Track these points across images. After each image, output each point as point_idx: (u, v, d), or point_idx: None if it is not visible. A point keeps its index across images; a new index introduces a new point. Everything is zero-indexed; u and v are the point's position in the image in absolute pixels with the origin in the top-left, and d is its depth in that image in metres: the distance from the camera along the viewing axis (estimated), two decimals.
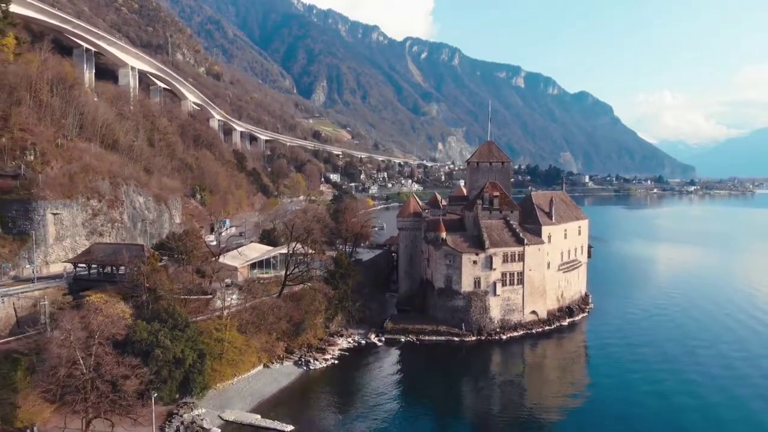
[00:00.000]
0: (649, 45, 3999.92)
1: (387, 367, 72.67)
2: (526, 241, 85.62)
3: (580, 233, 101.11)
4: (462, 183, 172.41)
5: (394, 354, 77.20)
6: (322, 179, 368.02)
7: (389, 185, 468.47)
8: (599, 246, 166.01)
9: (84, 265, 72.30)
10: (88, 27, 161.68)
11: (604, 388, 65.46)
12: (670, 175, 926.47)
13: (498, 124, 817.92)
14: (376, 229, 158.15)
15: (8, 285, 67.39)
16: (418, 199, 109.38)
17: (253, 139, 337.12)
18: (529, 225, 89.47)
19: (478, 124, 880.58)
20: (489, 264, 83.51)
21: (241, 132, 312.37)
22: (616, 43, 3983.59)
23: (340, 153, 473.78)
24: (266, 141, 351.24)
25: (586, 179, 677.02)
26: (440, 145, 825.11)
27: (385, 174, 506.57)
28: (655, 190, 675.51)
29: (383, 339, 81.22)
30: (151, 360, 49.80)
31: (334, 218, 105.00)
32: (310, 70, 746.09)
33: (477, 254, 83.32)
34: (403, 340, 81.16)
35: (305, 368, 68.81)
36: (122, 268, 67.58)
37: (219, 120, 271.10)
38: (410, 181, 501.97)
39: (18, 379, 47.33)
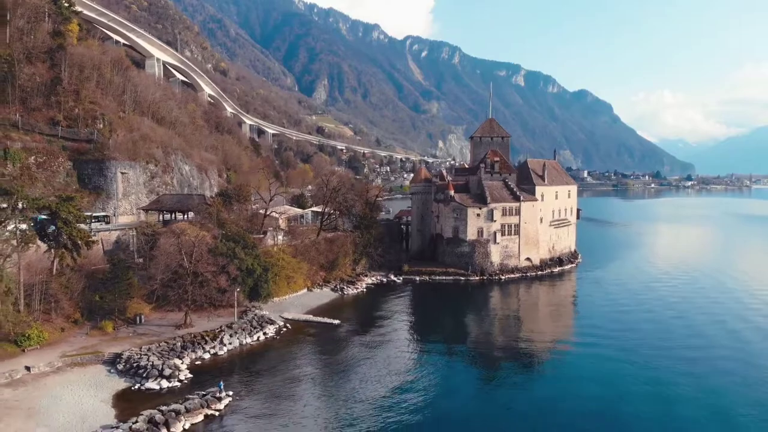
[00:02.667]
0: (649, 44, 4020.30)
1: (405, 298, 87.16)
2: (522, 198, 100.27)
3: (569, 196, 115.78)
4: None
5: (411, 289, 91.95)
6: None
7: (392, 178, 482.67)
8: (594, 225, 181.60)
9: (155, 212, 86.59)
10: (122, 20, 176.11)
11: (588, 322, 74.84)
12: (670, 172, 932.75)
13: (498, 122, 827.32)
14: (383, 213, 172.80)
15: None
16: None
17: (261, 132, 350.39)
18: (524, 186, 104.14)
19: (479, 122, 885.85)
20: (490, 216, 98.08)
21: (250, 125, 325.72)
22: (616, 41, 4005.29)
23: (344, 148, 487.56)
24: (273, 135, 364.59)
25: (585, 174, 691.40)
26: (441, 143, 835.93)
27: (388, 168, 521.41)
28: (652, 185, 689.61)
29: (401, 278, 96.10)
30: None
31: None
32: (312, 68, 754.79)
33: (480, 208, 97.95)
34: (418, 279, 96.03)
35: (340, 293, 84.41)
36: (189, 214, 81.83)
37: (231, 112, 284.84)
38: (412, 175, 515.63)
39: (131, 276, 61.69)
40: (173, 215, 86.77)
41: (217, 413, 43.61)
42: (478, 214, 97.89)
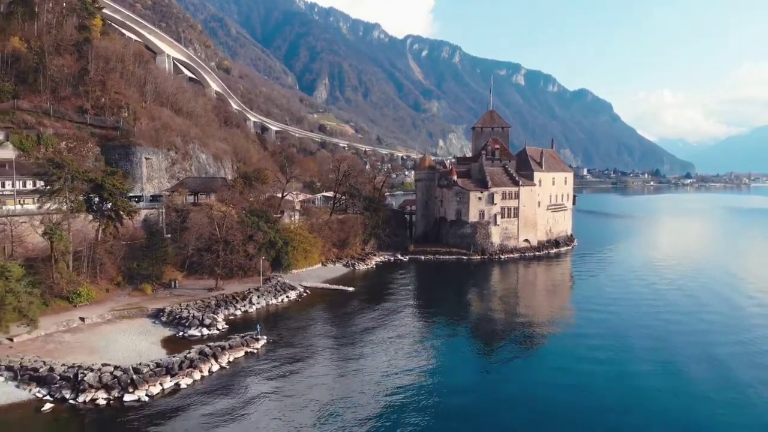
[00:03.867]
0: (649, 43, 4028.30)
1: (411, 275, 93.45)
2: (521, 183, 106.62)
3: (566, 183, 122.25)
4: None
5: (417, 267, 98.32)
6: None
7: (393, 175, 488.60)
8: (592, 217, 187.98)
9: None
10: (136, 17, 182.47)
11: (579, 298, 79.21)
12: (670, 171, 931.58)
13: None
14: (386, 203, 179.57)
15: None
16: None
17: (264, 129, 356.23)
18: (523, 172, 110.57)
19: None
20: (491, 200, 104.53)
21: (254, 122, 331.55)
22: (616, 41, 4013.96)
23: (346, 145, 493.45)
24: (276, 132, 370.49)
25: (585, 172, 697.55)
26: (441, 142, 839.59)
27: (389, 165, 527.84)
28: (651, 183, 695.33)
29: (407, 257, 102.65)
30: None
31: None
32: (312, 67, 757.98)
33: (482, 192, 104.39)
34: (423, 258, 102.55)
35: (351, 268, 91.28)
36: (212, 196, 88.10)
37: (236, 109, 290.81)
38: (413, 172, 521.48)
39: (167, 245, 68.07)
40: (196, 197, 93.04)
41: (255, 351, 50.37)
42: (480, 198, 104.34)
